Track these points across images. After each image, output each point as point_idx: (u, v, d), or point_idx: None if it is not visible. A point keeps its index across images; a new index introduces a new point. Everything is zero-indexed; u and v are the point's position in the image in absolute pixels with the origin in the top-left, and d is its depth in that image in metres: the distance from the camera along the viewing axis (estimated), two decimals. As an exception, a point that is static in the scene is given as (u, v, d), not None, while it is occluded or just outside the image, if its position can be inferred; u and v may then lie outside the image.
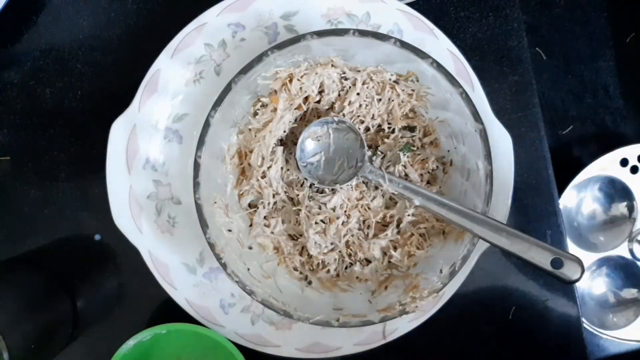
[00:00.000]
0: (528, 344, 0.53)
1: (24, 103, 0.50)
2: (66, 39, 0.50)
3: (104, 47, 0.50)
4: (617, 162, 0.76)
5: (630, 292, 0.80)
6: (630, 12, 0.84)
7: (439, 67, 0.41)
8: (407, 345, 0.47)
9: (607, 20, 0.83)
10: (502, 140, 0.46)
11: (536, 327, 0.53)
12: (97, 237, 0.50)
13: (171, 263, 0.46)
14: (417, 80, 0.44)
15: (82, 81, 0.50)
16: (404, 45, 0.40)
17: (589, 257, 0.78)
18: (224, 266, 0.41)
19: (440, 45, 0.46)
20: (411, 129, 0.47)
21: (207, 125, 0.40)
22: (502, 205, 0.46)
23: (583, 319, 0.55)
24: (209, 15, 0.45)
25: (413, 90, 0.45)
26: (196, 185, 0.40)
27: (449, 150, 0.46)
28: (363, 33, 0.40)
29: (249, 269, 0.43)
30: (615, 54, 0.84)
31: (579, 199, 0.79)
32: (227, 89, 0.40)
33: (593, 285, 0.81)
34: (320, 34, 0.40)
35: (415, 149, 0.47)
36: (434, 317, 0.46)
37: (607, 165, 0.76)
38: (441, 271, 0.42)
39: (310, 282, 0.46)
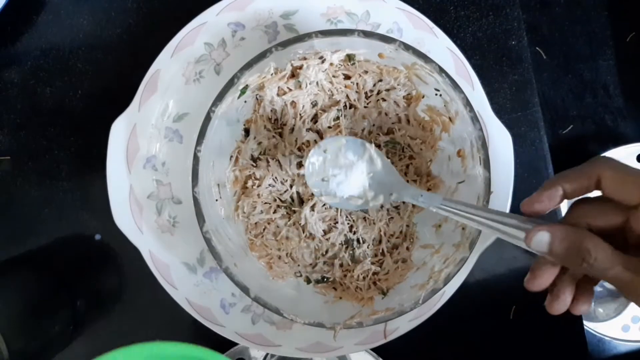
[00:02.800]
0: (529, 343, 0.53)
1: (24, 103, 0.50)
2: (66, 38, 0.50)
3: (104, 47, 0.50)
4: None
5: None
6: (631, 11, 0.84)
7: (441, 71, 0.40)
8: (407, 345, 0.47)
9: (607, 20, 0.83)
10: (502, 140, 0.46)
11: (537, 326, 0.53)
12: (98, 237, 0.50)
13: (172, 263, 0.46)
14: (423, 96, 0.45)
15: (82, 80, 0.50)
16: (407, 48, 0.40)
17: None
18: (218, 260, 0.40)
19: (440, 44, 0.46)
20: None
21: (207, 119, 0.40)
22: (501, 205, 0.46)
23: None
24: (209, 15, 0.45)
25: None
26: (194, 179, 0.40)
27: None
28: (368, 34, 0.40)
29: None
30: (615, 54, 0.83)
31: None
32: (229, 85, 0.40)
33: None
34: (326, 33, 0.40)
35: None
36: (435, 317, 0.46)
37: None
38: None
39: (309, 282, 0.46)
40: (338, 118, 0.45)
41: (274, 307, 0.40)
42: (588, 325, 0.76)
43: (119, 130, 0.45)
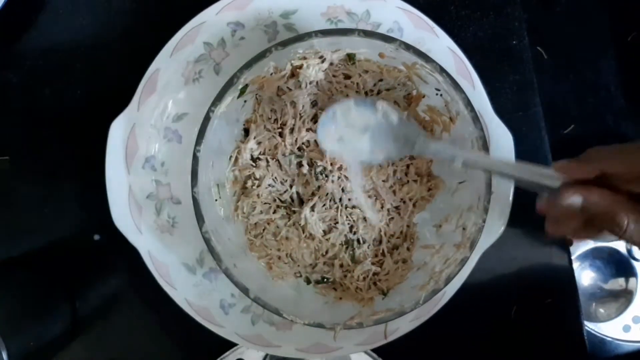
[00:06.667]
0: (529, 343, 0.53)
1: (23, 103, 0.50)
2: (65, 39, 0.50)
3: (103, 47, 0.50)
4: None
5: (618, 283, 0.79)
6: (632, 11, 0.83)
7: (442, 71, 0.40)
8: (408, 346, 0.47)
9: (609, 20, 0.83)
10: (503, 140, 0.46)
11: (537, 326, 0.52)
12: (97, 237, 0.50)
13: (171, 263, 0.46)
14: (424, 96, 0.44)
15: (81, 80, 0.50)
16: (408, 47, 0.40)
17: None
18: (218, 260, 0.40)
19: (440, 44, 0.46)
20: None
21: (207, 119, 0.39)
22: (503, 205, 0.46)
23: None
24: (208, 14, 0.45)
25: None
26: (194, 179, 0.40)
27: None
28: (368, 34, 0.39)
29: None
30: (617, 53, 0.83)
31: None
32: (229, 84, 0.40)
33: (582, 276, 0.80)
34: (326, 32, 0.39)
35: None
36: (435, 317, 0.46)
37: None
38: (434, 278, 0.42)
39: (309, 282, 0.46)
40: None
41: (273, 307, 0.40)
42: (589, 325, 0.75)
43: (118, 130, 0.44)
